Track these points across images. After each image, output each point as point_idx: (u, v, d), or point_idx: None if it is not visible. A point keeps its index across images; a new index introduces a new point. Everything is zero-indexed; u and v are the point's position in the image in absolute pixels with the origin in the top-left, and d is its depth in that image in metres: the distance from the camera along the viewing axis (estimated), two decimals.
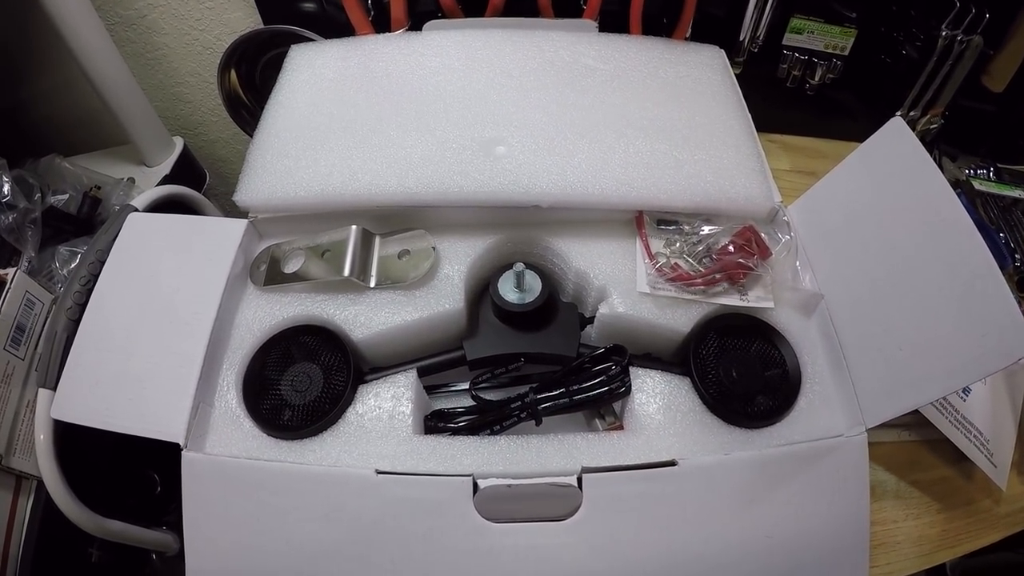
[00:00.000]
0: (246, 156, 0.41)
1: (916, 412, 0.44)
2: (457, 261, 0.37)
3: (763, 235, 0.37)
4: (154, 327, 0.35)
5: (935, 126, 0.66)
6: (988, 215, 0.63)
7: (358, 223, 0.38)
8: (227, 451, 0.32)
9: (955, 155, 0.68)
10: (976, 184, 0.64)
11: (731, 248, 0.36)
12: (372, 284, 0.36)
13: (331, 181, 0.38)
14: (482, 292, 0.38)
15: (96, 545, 0.54)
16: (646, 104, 0.41)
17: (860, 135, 0.38)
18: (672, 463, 0.30)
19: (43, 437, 0.38)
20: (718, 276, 0.35)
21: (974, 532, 0.45)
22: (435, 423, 0.34)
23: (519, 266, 0.36)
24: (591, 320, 0.38)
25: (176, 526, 0.53)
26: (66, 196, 0.65)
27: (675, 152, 0.39)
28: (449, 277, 0.37)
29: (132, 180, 0.68)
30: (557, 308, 0.37)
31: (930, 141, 0.67)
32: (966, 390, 0.46)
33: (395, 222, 0.39)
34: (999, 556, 0.67)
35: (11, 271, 0.49)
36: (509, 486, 0.29)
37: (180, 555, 0.51)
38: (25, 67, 0.72)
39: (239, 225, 0.39)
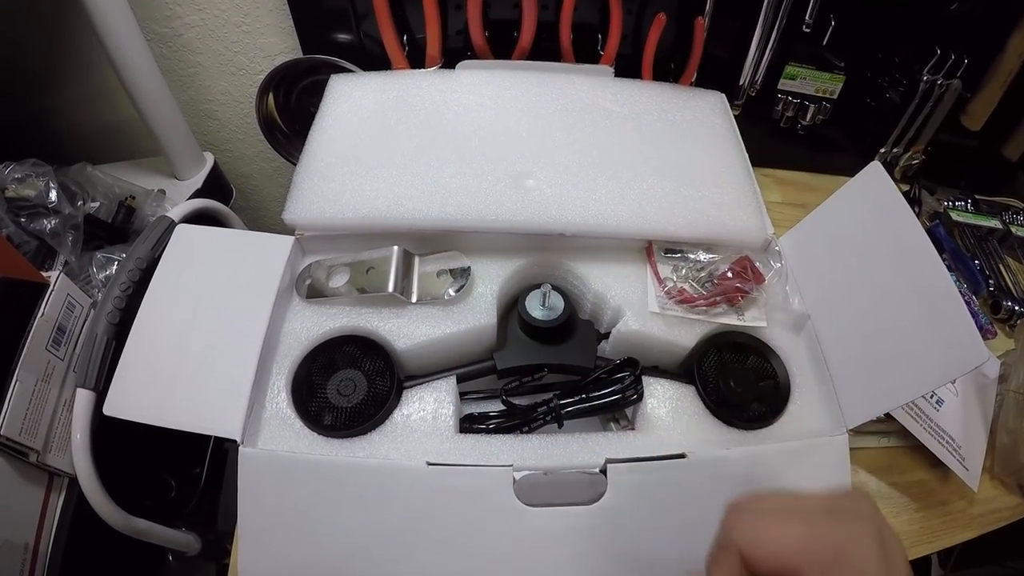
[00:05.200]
0: (293, 178, 0.45)
1: (894, 421, 0.49)
2: (490, 281, 0.42)
3: (757, 263, 0.42)
4: (206, 332, 0.37)
5: (916, 162, 0.71)
6: (965, 244, 0.68)
7: (399, 244, 0.42)
8: (280, 447, 0.35)
9: (933, 189, 0.74)
10: (954, 215, 0.70)
11: (729, 274, 0.41)
12: (413, 300, 0.41)
13: (377, 205, 0.42)
14: (511, 308, 0.43)
15: (116, 544, 0.56)
16: (656, 144, 0.46)
17: (847, 169, 0.42)
18: (682, 455, 0.35)
19: (80, 436, 0.40)
20: (718, 299, 0.40)
21: (949, 530, 0.49)
22: (470, 425, 0.39)
23: (546, 286, 0.40)
24: (606, 336, 0.42)
25: (192, 527, 0.56)
26: (98, 204, 0.68)
27: (682, 189, 0.44)
28: (483, 295, 0.41)
29: (163, 192, 0.72)
30: (577, 324, 0.42)
31: (912, 175, 0.73)
32: (939, 401, 0.51)
33: (432, 244, 0.43)
34: (985, 570, 0.71)
35: (54, 274, 0.50)
36: (545, 474, 0.33)
37: (197, 555, 0.54)
38: (56, 73, 0.74)
39: (286, 241, 0.42)
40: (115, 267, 0.63)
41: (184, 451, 0.64)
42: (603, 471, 0.34)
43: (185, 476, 0.64)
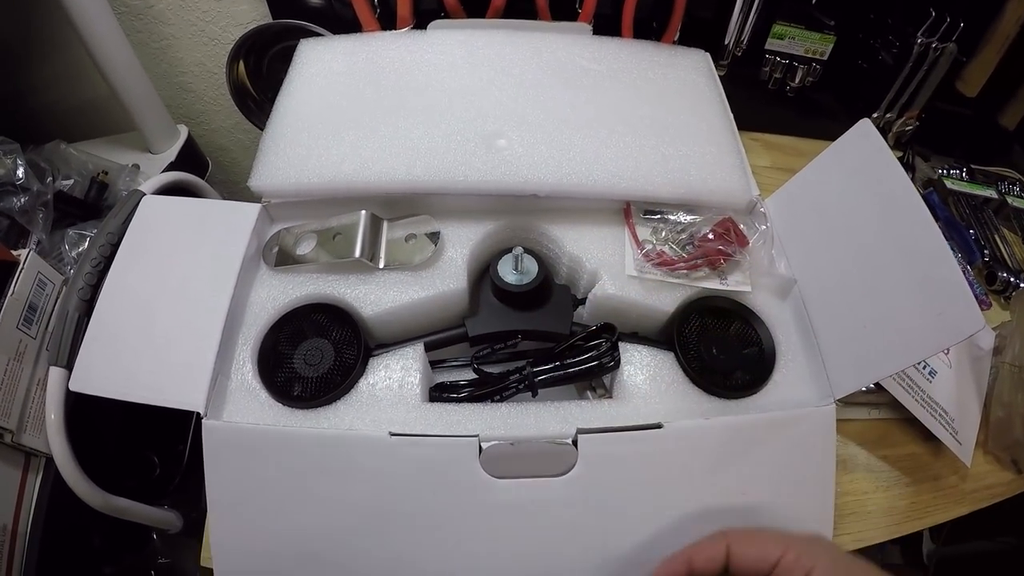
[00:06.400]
0: (259, 144, 0.43)
1: (885, 392, 0.47)
2: (460, 245, 0.40)
3: (741, 225, 0.40)
4: (171, 304, 0.36)
5: (910, 128, 0.69)
6: (959, 213, 0.66)
7: (367, 208, 0.40)
8: (245, 420, 0.34)
9: (928, 155, 0.72)
10: (948, 183, 0.68)
11: (711, 236, 0.39)
12: (381, 265, 0.39)
13: (343, 169, 0.40)
14: (483, 274, 0.41)
15: (99, 525, 0.55)
16: (635, 103, 0.44)
17: (838, 135, 0.40)
18: (658, 426, 0.33)
19: (54, 415, 0.40)
20: (699, 262, 0.38)
21: (941, 505, 0.47)
22: (440, 393, 0.37)
23: (518, 250, 0.38)
24: (583, 301, 0.41)
25: (177, 505, 0.55)
26: (71, 181, 0.67)
27: (661, 148, 0.42)
28: (453, 260, 0.40)
29: (137, 166, 0.70)
30: (552, 289, 0.40)
31: (905, 142, 0.71)
32: (932, 372, 0.50)
33: (402, 208, 0.41)
34: (975, 544, 0.70)
35: (24, 252, 0.50)
36: (512, 445, 0.32)
37: (180, 533, 0.54)
38: (29, 53, 0.73)
39: (253, 209, 0.41)
40: (87, 243, 0.61)
41: (167, 429, 0.63)
42: (574, 442, 0.33)
43: (169, 454, 0.63)
